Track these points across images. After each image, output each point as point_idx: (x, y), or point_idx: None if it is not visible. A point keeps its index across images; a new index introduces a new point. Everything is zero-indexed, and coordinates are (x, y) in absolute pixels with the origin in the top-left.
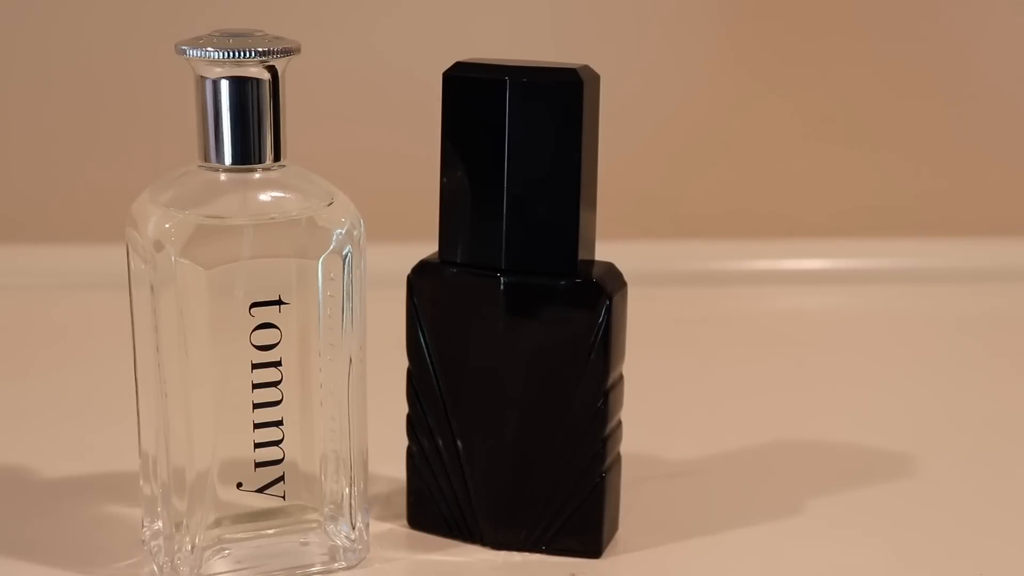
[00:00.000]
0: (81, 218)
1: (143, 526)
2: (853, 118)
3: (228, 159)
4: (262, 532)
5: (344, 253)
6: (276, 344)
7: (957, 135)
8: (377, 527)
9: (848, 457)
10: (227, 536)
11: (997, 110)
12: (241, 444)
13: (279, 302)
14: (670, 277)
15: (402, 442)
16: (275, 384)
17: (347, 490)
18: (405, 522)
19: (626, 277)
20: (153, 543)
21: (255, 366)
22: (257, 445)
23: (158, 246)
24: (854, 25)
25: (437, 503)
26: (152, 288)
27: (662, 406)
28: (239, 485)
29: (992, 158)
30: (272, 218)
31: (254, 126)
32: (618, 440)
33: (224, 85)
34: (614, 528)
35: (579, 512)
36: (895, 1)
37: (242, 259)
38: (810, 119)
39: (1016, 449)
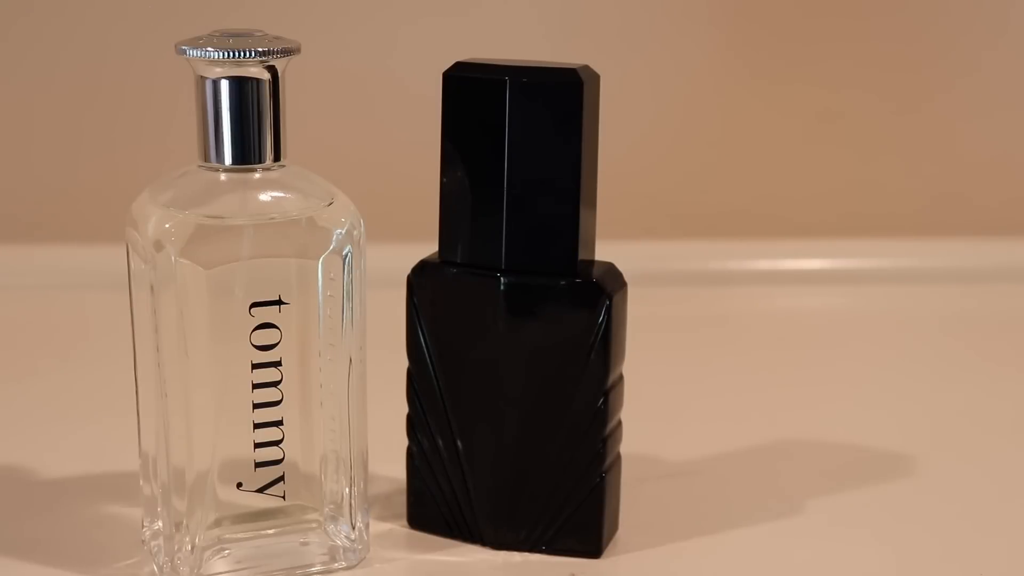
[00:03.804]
0: (81, 218)
1: (143, 526)
2: (853, 118)
3: (228, 159)
4: (262, 532)
5: (344, 253)
6: (276, 344)
7: (957, 135)
8: (377, 527)
9: (848, 457)
10: (227, 536)
11: (997, 110)
12: (241, 444)
13: (279, 302)
14: (670, 277)
15: (402, 442)
16: (275, 384)
17: (347, 490)
18: (405, 522)
19: (626, 277)
20: (153, 543)
21: (255, 366)
22: (257, 445)
23: (158, 246)
24: (855, 25)
25: (437, 503)
26: (152, 288)
27: (662, 406)
28: (239, 485)
29: (992, 158)
30: (272, 218)
31: (254, 126)
32: (618, 440)
33: (224, 85)
34: (614, 528)
35: (579, 512)
36: (896, 1)
37: (242, 259)
38: (810, 119)
39: (1017, 449)
